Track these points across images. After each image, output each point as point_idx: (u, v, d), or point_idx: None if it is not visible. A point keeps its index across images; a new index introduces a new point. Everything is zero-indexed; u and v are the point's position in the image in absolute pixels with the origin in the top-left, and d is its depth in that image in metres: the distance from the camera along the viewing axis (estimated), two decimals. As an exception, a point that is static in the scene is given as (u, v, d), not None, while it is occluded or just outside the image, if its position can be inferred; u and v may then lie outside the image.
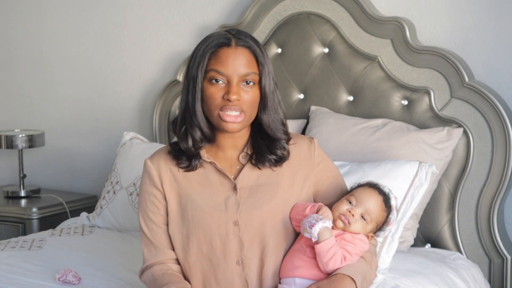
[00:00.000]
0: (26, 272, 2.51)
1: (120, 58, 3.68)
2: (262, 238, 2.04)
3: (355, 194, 2.07)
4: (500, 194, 2.74)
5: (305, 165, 2.11)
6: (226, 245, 2.03)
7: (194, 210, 2.05)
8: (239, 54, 2.00)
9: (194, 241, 2.05)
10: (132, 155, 3.06)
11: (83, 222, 3.11)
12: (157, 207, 2.10)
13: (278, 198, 2.06)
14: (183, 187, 2.08)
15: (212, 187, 2.07)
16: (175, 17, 3.51)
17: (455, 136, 2.76)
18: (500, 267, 2.76)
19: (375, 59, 2.95)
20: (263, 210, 2.04)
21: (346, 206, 2.04)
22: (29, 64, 3.93)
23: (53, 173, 3.93)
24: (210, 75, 2.00)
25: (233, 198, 2.05)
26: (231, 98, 1.97)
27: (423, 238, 2.84)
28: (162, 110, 3.44)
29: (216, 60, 2.00)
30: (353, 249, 2.00)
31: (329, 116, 2.95)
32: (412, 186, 2.55)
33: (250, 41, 2.03)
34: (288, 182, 2.08)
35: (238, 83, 1.99)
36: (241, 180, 2.07)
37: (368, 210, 2.04)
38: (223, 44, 2.01)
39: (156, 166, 2.10)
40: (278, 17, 3.14)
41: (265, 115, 2.04)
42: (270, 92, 2.04)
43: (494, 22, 2.84)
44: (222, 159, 2.09)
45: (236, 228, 2.03)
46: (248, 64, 2.00)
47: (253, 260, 2.03)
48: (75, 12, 3.76)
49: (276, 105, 2.06)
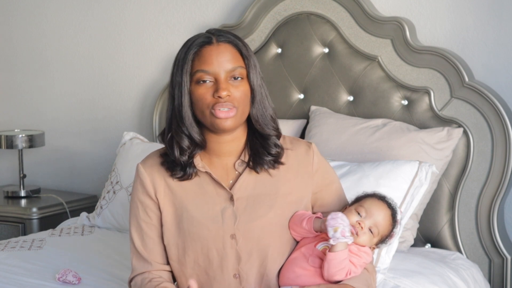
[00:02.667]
0: (26, 272, 2.51)
1: (120, 58, 3.68)
2: (261, 250, 1.98)
3: (364, 205, 2.02)
4: (500, 194, 2.74)
5: (303, 172, 2.06)
6: (223, 258, 1.97)
7: (190, 222, 1.99)
8: (222, 50, 1.95)
9: (190, 253, 2.00)
10: (132, 155, 3.06)
11: (83, 222, 3.11)
12: (150, 217, 2.04)
13: (277, 208, 2.00)
14: (178, 197, 2.02)
15: (208, 197, 2.00)
16: (175, 17, 3.51)
17: (455, 136, 2.76)
18: (500, 267, 2.76)
19: (375, 59, 2.95)
20: (261, 222, 1.98)
21: (356, 218, 1.99)
22: (29, 64, 3.93)
23: (53, 173, 3.93)
24: (196, 77, 1.94)
25: (230, 210, 1.99)
26: (221, 94, 1.91)
27: (423, 238, 2.84)
28: (162, 110, 3.44)
29: (200, 60, 1.95)
30: (358, 261, 1.97)
31: (329, 116, 2.95)
32: (412, 186, 2.54)
33: (231, 36, 1.99)
34: (287, 189, 2.03)
35: (226, 79, 1.94)
36: (238, 190, 2.00)
37: (377, 223, 2.00)
38: (205, 43, 1.96)
39: (149, 173, 2.04)
40: (278, 17, 3.14)
41: (254, 109, 1.99)
42: (257, 86, 1.99)
43: (494, 22, 2.84)
44: (218, 166, 2.03)
45: (233, 241, 1.97)
46: (233, 59, 1.95)
47: (251, 273, 1.98)
48: (75, 12, 3.77)
49: (264, 99, 2.01)
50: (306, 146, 2.09)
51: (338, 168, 2.62)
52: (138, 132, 3.58)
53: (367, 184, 2.52)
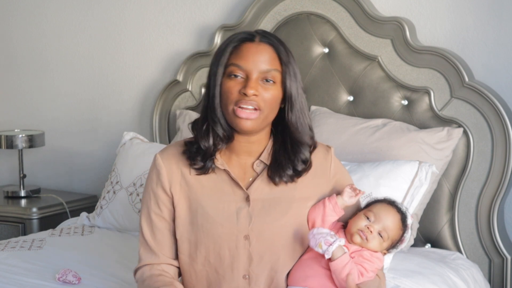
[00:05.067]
0: (26, 272, 2.50)
1: (120, 58, 3.68)
2: (273, 253, 1.97)
3: (373, 210, 2.02)
4: (500, 194, 2.74)
5: (321, 176, 2.05)
6: (234, 258, 1.97)
7: (204, 218, 1.98)
8: (261, 50, 1.95)
9: (202, 250, 1.99)
10: (132, 155, 3.06)
11: (83, 222, 3.11)
12: (161, 209, 2.03)
13: (292, 212, 1.99)
14: (194, 192, 2.01)
15: (224, 195, 1.99)
16: (175, 17, 3.51)
17: (455, 136, 2.76)
18: (500, 267, 2.76)
19: (375, 59, 2.95)
20: (275, 225, 1.97)
21: (365, 222, 1.99)
22: (29, 64, 3.93)
23: (53, 173, 3.93)
24: (229, 70, 1.94)
25: (245, 210, 1.98)
26: (247, 92, 1.90)
27: (423, 238, 2.84)
28: (162, 110, 3.44)
29: (237, 55, 1.95)
30: (370, 266, 1.97)
31: (329, 116, 2.95)
32: (412, 186, 2.55)
33: (274, 40, 1.99)
34: (303, 194, 2.02)
35: (257, 79, 1.93)
36: (254, 191, 1.99)
37: (386, 227, 2.00)
38: (246, 39, 1.97)
39: (167, 165, 2.02)
40: (278, 17, 3.14)
41: (293, 115, 1.97)
42: (295, 93, 1.97)
43: (494, 22, 2.84)
44: (236, 165, 2.02)
45: (246, 242, 1.97)
46: (269, 61, 1.94)
47: (261, 275, 1.97)
48: (75, 12, 3.76)
49: (304, 108, 1.99)
50: (325, 151, 2.09)
51: (338, 168, 2.62)
52: (138, 132, 3.58)
53: (367, 184, 2.52)
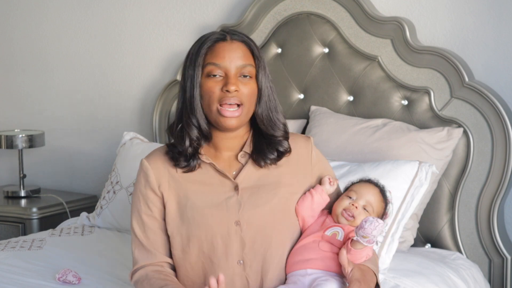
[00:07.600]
0: (26, 272, 2.50)
1: (120, 58, 3.68)
2: (265, 237, 2.03)
3: (353, 189, 2.13)
4: (500, 194, 2.74)
5: (303, 164, 2.13)
6: (227, 245, 2.02)
7: (194, 211, 2.03)
8: (235, 47, 2.03)
9: (195, 242, 2.03)
10: (132, 155, 3.06)
11: (83, 222, 3.11)
12: (151, 210, 2.08)
13: (280, 196, 2.06)
14: (183, 188, 2.06)
15: (213, 187, 2.06)
16: (175, 17, 3.51)
17: (455, 136, 2.76)
18: (500, 267, 2.76)
19: (375, 59, 2.95)
20: (265, 208, 2.03)
21: (348, 201, 2.09)
22: (29, 64, 3.93)
23: (53, 173, 3.93)
24: (207, 70, 2.01)
25: (234, 198, 2.04)
26: (229, 88, 1.98)
27: (423, 238, 2.84)
28: (162, 110, 3.44)
29: (212, 54, 2.02)
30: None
31: (329, 116, 2.95)
32: (412, 186, 2.54)
33: (244, 36, 2.07)
34: (288, 181, 2.09)
35: (236, 75, 2.01)
36: (242, 180, 2.06)
37: (369, 201, 2.10)
38: (218, 39, 2.04)
39: (153, 167, 2.09)
40: (278, 17, 3.14)
41: (259, 108, 2.05)
42: (266, 87, 2.05)
43: (494, 22, 2.84)
44: (220, 159, 2.09)
45: (238, 227, 2.02)
46: (244, 57, 2.03)
47: (255, 260, 2.02)
48: (75, 12, 3.77)
49: (270, 101, 2.06)
50: (305, 140, 2.17)
51: (338, 168, 2.62)
52: (138, 132, 3.58)
53: (367, 184, 2.52)
